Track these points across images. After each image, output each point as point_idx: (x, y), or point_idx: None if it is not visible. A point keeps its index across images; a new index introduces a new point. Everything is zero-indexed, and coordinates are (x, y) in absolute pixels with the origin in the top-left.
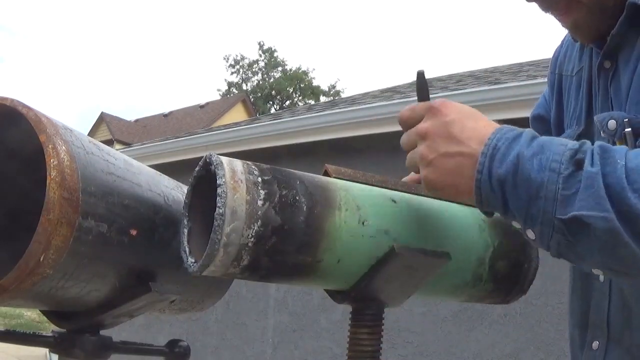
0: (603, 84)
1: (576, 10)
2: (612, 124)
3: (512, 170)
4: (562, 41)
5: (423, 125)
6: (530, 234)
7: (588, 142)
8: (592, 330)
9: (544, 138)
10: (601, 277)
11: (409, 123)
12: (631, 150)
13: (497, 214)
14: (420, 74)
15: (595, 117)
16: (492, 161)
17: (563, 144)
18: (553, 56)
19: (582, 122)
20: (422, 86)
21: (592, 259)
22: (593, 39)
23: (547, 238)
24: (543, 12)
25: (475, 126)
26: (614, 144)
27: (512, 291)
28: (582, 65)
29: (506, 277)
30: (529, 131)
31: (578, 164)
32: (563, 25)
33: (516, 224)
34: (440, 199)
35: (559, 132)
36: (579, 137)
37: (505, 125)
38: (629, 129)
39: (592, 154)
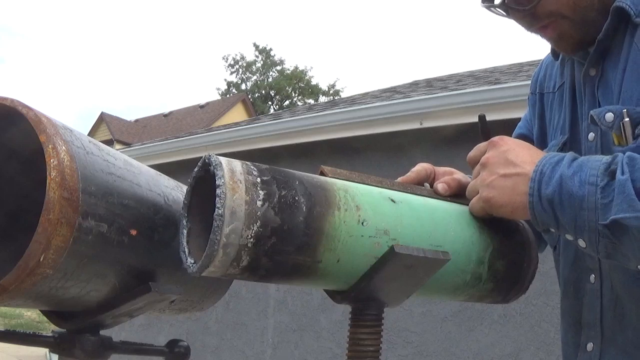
0: (590, 91)
1: (560, 24)
2: (609, 116)
3: (558, 190)
4: (541, 64)
5: (485, 156)
6: (582, 243)
7: (620, 154)
8: (586, 331)
9: (583, 158)
10: (592, 278)
11: (475, 160)
12: None
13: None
14: (482, 118)
15: (591, 112)
16: (540, 184)
17: (598, 160)
18: (532, 78)
19: (566, 130)
20: (485, 128)
21: (636, 256)
22: (576, 50)
23: (595, 244)
24: (527, 31)
25: (529, 153)
26: (609, 135)
27: (511, 291)
28: (563, 80)
29: (506, 277)
30: (570, 154)
31: (612, 175)
32: (547, 39)
33: (569, 237)
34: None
35: (543, 147)
36: (564, 145)
37: (551, 152)
38: (627, 119)
39: (622, 164)
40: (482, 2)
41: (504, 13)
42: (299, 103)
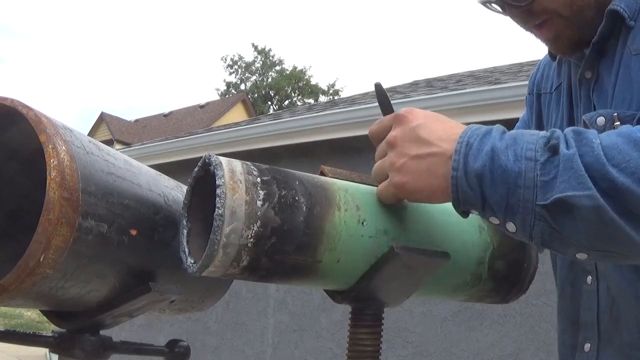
0: (585, 94)
1: (556, 23)
2: (600, 120)
3: (488, 163)
4: (539, 65)
5: (391, 134)
6: (511, 227)
7: (558, 130)
8: (583, 332)
9: (514, 131)
10: (589, 279)
11: (378, 137)
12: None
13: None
14: (378, 86)
15: (583, 117)
16: (467, 157)
17: (534, 134)
18: (530, 80)
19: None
20: (383, 98)
21: (578, 242)
22: (572, 51)
23: (529, 227)
24: (523, 29)
25: (443, 127)
26: None
27: (511, 291)
28: (560, 81)
29: (506, 277)
30: (498, 126)
31: (553, 150)
32: (543, 39)
33: (494, 220)
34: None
35: None
36: None
37: (474, 124)
38: (618, 123)
39: (566, 138)
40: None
41: (500, 10)
42: (298, 103)
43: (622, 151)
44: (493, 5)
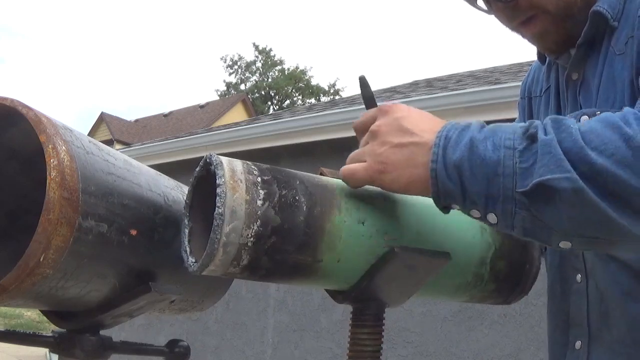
0: (572, 95)
1: (542, 19)
2: (584, 119)
3: (467, 154)
4: (530, 70)
5: (375, 124)
6: (492, 218)
7: (537, 120)
8: (574, 330)
9: (493, 125)
10: (579, 277)
11: (363, 128)
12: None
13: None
14: (362, 79)
15: (568, 116)
16: (446, 149)
17: (512, 126)
18: (522, 84)
19: None
20: (367, 92)
21: (561, 228)
22: (559, 48)
23: (510, 217)
24: (507, 27)
25: (427, 120)
26: None
27: (513, 292)
28: (549, 84)
29: (508, 278)
30: (477, 121)
31: (531, 138)
32: (529, 37)
33: (475, 213)
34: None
35: None
36: None
37: (453, 121)
38: None
39: (544, 126)
40: None
41: (486, 9)
42: (299, 103)
43: (601, 135)
44: (478, 3)
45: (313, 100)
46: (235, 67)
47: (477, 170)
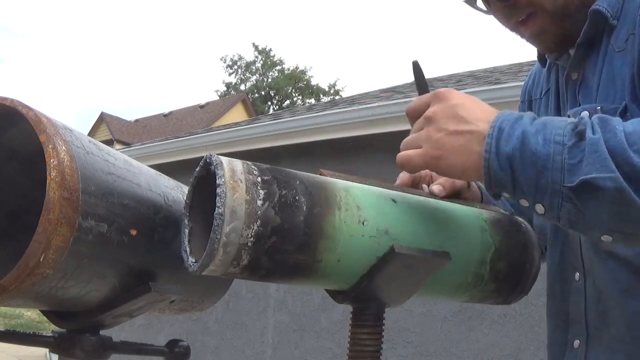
0: (571, 94)
1: (540, 17)
2: (584, 114)
3: (519, 147)
4: (530, 74)
5: (430, 110)
6: (540, 209)
7: (586, 117)
8: (573, 329)
9: (545, 117)
10: (577, 276)
11: (416, 113)
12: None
13: (495, 215)
14: (416, 65)
15: (568, 112)
16: (499, 141)
17: (563, 120)
18: (522, 88)
19: None
20: (420, 77)
21: (602, 223)
22: (557, 47)
23: (557, 208)
24: (505, 27)
25: (480, 108)
26: None
27: (513, 292)
28: (549, 86)
29: (508, 278)
30: (529, 113)
31: (580, 135)
32: (527, 37)
33: (524, 202)
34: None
35: None
36: None
37: (506, 110)
38: None
39: (592, 124)
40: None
41: (485, 9)
42: (299, 102)
43: None
44: (478, 4)
45: (313, 101)
46: (235, 67)
47: (528, 163)
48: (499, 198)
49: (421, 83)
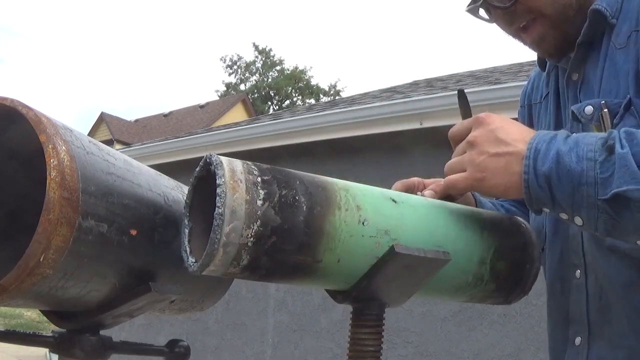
0: (572, 94)
1: (540, 23)
2: (588, 109)
3: (555, 166)
4: (529, 78)
5: (472, 134)
6: (578, 221)
7: (615, 131)
8: (574, 326)
9: (577, 134)
10: (578, 273)
11: (459, 137)
12: None
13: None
14: (461, 92)
15: (572, 108)
16: (536, 162)
17: (594, 136)
18: (522, 93)
19: None
20: (464, 103)
21: (637, 230)
22: (558, 52)
23: (594, 220)
24: (507, 34)
25: (518, 130)
26: (589, 129)
27: (513, 292)
28: (549, 90)
29: (508, 278)
30: (562, 131)
31: (610, 149)
32: (528, 43)
33: (564, 215)
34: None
35: None
36: None
37: (542, 130)
38: (605, 110)
39: (620, 138)
40: (467, 6)
41: (487, 17)
42: (299, 103)
43: None
44: (480, 13)
45: (313, 101)
46: (235, 67)
47: (564, 180)
48: (541, 213)
49: (465, 109)
